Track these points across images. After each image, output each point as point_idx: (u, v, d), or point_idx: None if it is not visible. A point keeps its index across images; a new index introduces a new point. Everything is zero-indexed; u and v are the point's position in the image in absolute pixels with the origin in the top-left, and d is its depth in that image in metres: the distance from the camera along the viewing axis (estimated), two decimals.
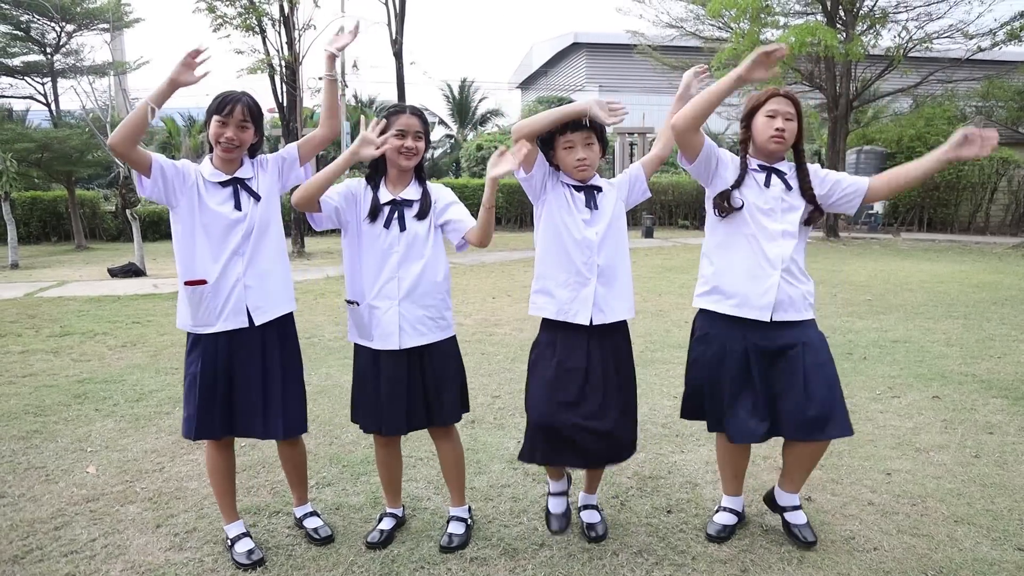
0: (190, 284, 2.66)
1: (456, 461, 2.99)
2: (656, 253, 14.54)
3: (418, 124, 2.74)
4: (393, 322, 2.73)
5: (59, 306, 8.67)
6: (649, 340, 6.44)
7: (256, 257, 2.71)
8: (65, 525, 3.08)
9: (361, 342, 2.83)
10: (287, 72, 14.97)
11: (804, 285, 2.78)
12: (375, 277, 2.74)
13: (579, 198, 2.78)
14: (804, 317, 2.77)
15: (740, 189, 2.76)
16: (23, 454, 3.89)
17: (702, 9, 16.91)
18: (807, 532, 2.87)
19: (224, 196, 2.68)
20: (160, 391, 5.04)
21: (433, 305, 2.78)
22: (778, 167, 2.80)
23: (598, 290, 2.75)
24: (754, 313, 2.73)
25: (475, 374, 5.39)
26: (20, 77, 21.62)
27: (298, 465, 3.01)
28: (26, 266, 13.48)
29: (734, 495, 3.05)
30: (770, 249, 2.72)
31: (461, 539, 2.89)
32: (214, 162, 2.73)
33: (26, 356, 6.13)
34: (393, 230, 2.73)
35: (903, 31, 16.70)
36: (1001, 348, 6.14)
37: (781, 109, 2.71)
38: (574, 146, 2.72)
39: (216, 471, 2.84)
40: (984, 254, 14.04)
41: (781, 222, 2.74)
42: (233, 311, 2.67)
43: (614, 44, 27.47)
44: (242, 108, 2.65)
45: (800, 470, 2.90)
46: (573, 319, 2.75)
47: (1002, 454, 3.79)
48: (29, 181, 18.43)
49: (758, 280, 2.73)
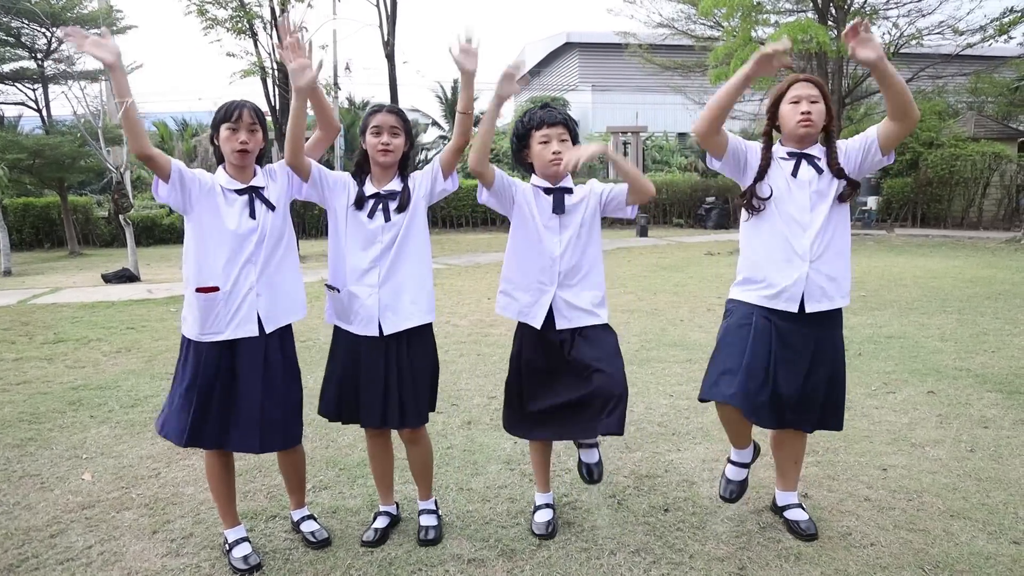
0: (202, 291, 2.66)
1: (425, 461, 3.04)
2: (651, 252, 14.56)
3: (393, 120, 2.79)
4: (374, 307, 2.78)
5: (53, 313, 8.64)
6: (645, 339, 6.45)
7: (269, 266, 2.74)
8: (61, 533, 3.07)
9: (340, 324, 2.87)
10: (279, 75, 14.94)
11: (839, 273, 2.74)
12: (357, 264, 2.79)
13: (546, 203, 2.83)
14: (836, 305, 2.76)
15: (766, 181, 2.76)
16: (18, 462, 3.88)
17: (693, 9, 16.95)
18: (808, 525, 2.90)
19: (240, 204, 2.71)
20: (155, 396, 5.02)
21: (413, 291, 2.82)
22: (809, 152, 2.76)
23: (558, 296, 2.81)
24: (782, 304, 2.73)
25: (471, 375, 5.39)
26: (11, 83, 21.50)
27: (298, 469, 3.02)
28: (19, 273, 13.42)
29: (741, 448, 3.01)
30: (798, 240, 2.70)
31: (436, 531, 2.95)
32: (228, 170, 2.75)
33: (20, 363, 6.10)
34: (377, 220, 2.79)
35: (893, 28, 16.78)
36: (995, 342, 6.16)
37: (804, 93, 2.70)
38: (549, 141, 2.79)
39: (215, 476, 2.83)
40: (977, 249, 14.09)
41: (811, 211, 2.70)
42: (244, 319, 2.69)
43: (607, 44, 27.46)
44: (249, 112, 2.70)
45: (789, 462, 2.94)
46: (530, 321, 2.86)
47: (997, 448, 3.80)
48: (21, 187, 18.36)
49: (785, 272, 2.72)
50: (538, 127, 2.79)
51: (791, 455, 2.99)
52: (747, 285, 2.84)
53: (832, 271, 2.73)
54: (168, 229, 19.62)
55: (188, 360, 2.73)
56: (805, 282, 2.70)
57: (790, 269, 2.71)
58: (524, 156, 2.89)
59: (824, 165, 2.74)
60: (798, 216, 2.71)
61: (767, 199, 2.75)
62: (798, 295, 2.71)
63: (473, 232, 21.34)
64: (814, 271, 2.70)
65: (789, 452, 2.99)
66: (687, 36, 19.17)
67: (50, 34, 20.06)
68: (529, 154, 2.86)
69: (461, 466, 3.70)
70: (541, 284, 2.83)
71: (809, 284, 2.70)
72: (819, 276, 2.71)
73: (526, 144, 2.86)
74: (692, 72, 19.69)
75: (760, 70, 2.51)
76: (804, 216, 2.71)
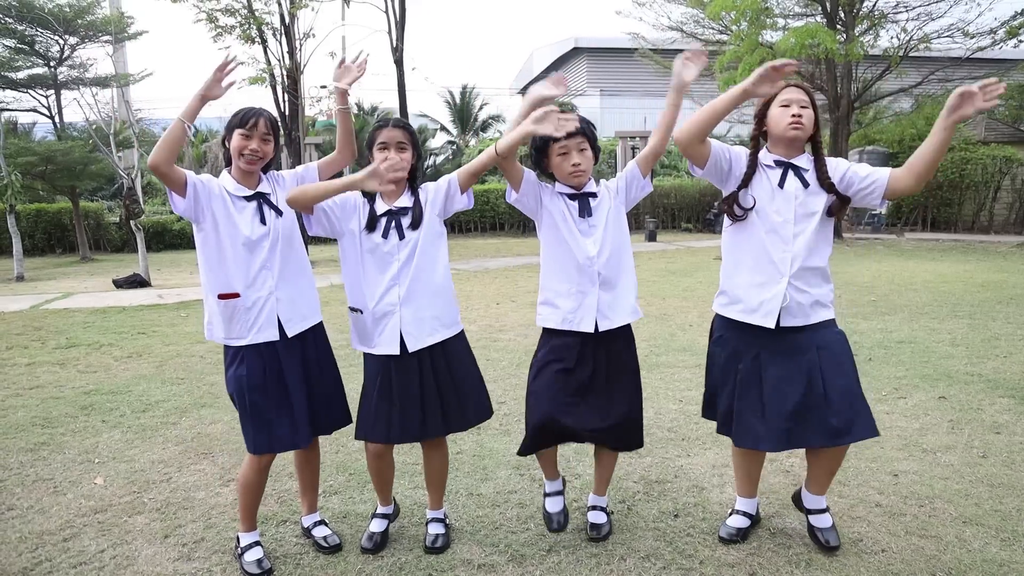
0: (224, 297, 2.69)
1: (442, 469, 3.03)
2: (660, 257, 14.54)
3: (400, 135, 2.77)
4: (396, 327, 2.75)
5: (65, 318, 8.70)
6: (654, 344, 6.44)
7: (284, 270, 2.77)
8: (73, 537, 3.09)
9: (364, 349, 2.85)
10: (288, 81, 15.03)
11: (817, 289, 2.68)
12: (377, 285, 2.76)
13: (573, 207, 2.81)
14: (814, 321, 2.69)
15: (749, 189, 2.71)
16: (31, 466, 3.91)
17: (702, 12, 16.94)
18: (831, 535, 2.84)
19: (250, 211, 2.73)
20: (166, 401, 5.05)
21: (436, 306, 2.81)
22: (796, 162, 2.69)
23: (601, 297, 2.79)
24: (759, 319, 2.70)
25: None
26: (24, 90, 21.72)
27: (315, 469, 3.07)
28: (31, 278, 13.53)
29: (747, 497, 3.03)
30: (778, 254, 2.65)
31: (445, 539, 2.96)
32: (235, 175, 2.76)
33: (32, 368, 6.15)
34: (392, 239, 2.76)
35: (902, 32, 16.71)
36: (1007, 347, 6.12)
37: (795, 97, 2.65)
38: (568, 152, 2.76)
39: (251, 486, 2.84)
40: (988, 253, 14.00)
41: (794, 225, 2.64)
42: (266, 323, 2.72)
43: (615, 48, 27.53)
44: (264, 121, 2.72)
45: (824, 473, 2.86)
46: (578, 327, 2.78)
47: (1010, 454, 3.78)
48: (34, 193, 18.53)
49: (764, 287, 2.68)
50: (555, 138, 2.73)
51: (827, 467, 2.85)
52: (725, 298, 2.82)
53: (811, 287, 2.67)
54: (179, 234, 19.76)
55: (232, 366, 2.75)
56: (782, 298, 2.64)
57: (769, 283, 2.67)
58: (544, 165, 2.86)
59: (811, 178, 2.68)
60: (780, 228, 2.65)
61: (749, 209, 2.70)
62: (775, 310, 2.65)
63: (482, 237, 21.38)
64: (792, 288, 2.64)
65: (825, 463, 2.84)
66: (696, 40, 19.14)
67: (63, 41, 20.26)
68: (549, 164, 2.83)
69: (471, 471, 3.71)
70: (582, 287, 2.78)
71: (787, 300, 2.64)
72: (797, 292, 2.65)
73: (545, 154, 2.82)
74: (701, 76, 19.66)
75: (761, 86, 2.41)
76: (787, 229, 2.65)
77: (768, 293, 2.68)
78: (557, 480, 3.06)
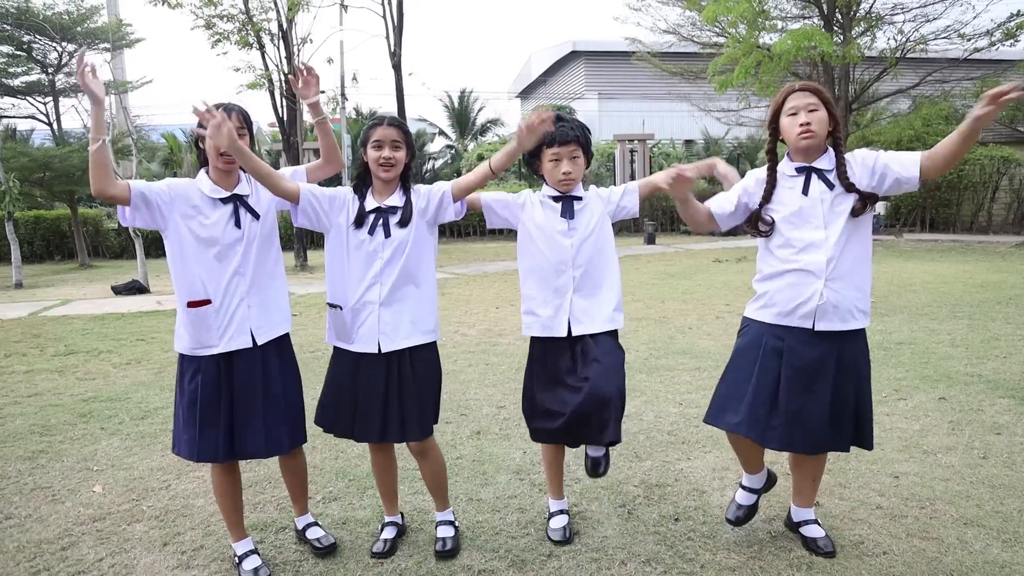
0: (193, 305, 2.63)
1: (437, 473, 3.00)
2: (659, 259, 14.54)
3: (395, 134, 2.76)
4: (374, 326, 2.74)
5: (63, 325, 8.69)
6: (653, 347, 6.43)
7: (257, 277, 2.72)
8: (72, 545, 3.07)
9: (340, 345, 2.85)
10: (286, 87, 15.04)
11: (854, 292, 2.61)
12: (359, 282, 2.75)
13: (555, 208, 2.85)
14: (850, 327, 2.63)
15: (772, 203, 2.70)
16: (29, 474, 3.90)
17: (699, 16, 16.96)
18: (826, 543, 2.84)
19: (224, 214, 2.66)
20: (165, 408, 5.04)
21: (415, 310, 2.79)
22: (817, 165, 2.64)
23: (576, 302, 2.82)
24: (796, 322, 2.65)
25: (479, 385, 5.39)
26: (22, 97, 21.75)
27: (299, 475, 3.03)
28: (30, 285, 13.52)
29: (752, 473, 2.97)
30: (813, 258, 2.60)
31: (454, 541, 2.93)
32: (212, 176, 2.69)
33: (31, 376, 6.14)
34: (378, 236, 2.75)
35: (899, 34, 16.74)
36: (1007, 348, 6.12)
37: (801, 103, 2.60)
38: (560, 159, 2.80)
39: (222, 491, 2.83)
40: (987, 253, 14.01)
41: (824, 228, 2.59)
42: (237, 331, 2.66)
43: (613, 52, 27.55)
44: (237, 116, 2.66)
45: (807, 481, 2.89)
46: (553, 333, 2.85)
47: (1010, 455, 3.77)
48: (32, 200, 18.52)
49: (798, 289, 2.63)
50: (549, 144, 2.76)
51: (809, 473, 2.90)
52: (759, 302, 2.78)
53: (848, 290, 2.62)
54: None
55: (187, 375, 2.70)
56: (819, 300, 2.60)
57: (803, 288, 2.62)
58: (536, 167, 2.90)
59: (834, 179, 2.63)
60: (812, 235, 2.61)
61: (772, 224, 2.69)
62: (811, 314, 2.62)
63: (481, 241, 21.38)
64: (829, 290, 2.59)
65: (807, 471, 2.89)
66: (693, 43, 19.18)
67: (61, 48, 20.27)
68: (541, 167, 2.87)
69: (470, 476, 3.70)
70: (557, 291, 2.83)
71: (823, 303, 2.60)
72: (834, 295, 2.60)
73: (537, 158, 2.85)
74: (699, 78, 19.71)
75: (679, 187, 2.62)
76: (818, 234, 2.60)
77: (803, 295, 2.62)
78: (562, 499, 3.09)
